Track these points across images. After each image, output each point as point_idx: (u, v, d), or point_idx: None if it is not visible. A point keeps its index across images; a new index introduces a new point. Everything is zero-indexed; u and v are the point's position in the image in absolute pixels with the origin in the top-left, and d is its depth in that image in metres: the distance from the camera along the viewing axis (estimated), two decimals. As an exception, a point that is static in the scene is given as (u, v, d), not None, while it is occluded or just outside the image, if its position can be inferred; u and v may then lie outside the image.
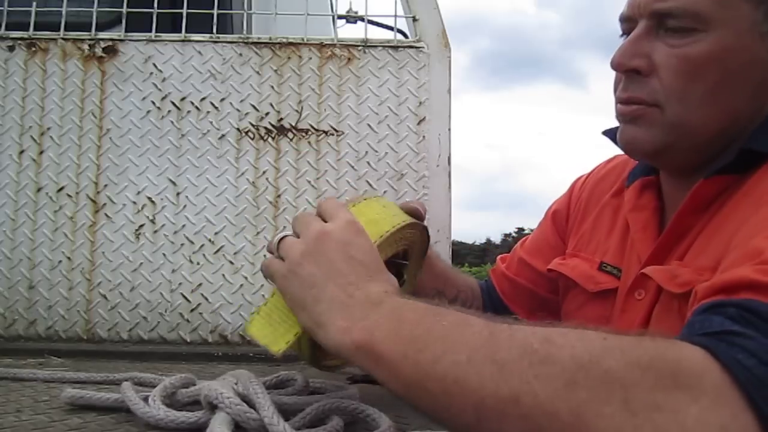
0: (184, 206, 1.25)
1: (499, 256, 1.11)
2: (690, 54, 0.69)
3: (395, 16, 1.31)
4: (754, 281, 0.49)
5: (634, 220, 0.82)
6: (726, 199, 0.69)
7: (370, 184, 1.26)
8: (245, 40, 1.30)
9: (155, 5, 1.29)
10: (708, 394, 0.41)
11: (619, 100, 0.76)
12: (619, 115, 0.76)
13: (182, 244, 1.24)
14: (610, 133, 0.85)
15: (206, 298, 1.23)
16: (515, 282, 1.01)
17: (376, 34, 1.87)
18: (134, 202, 1.25)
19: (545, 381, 0.43)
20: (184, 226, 1.25)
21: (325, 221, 0.62)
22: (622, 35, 0.78)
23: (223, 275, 1.23)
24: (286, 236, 0.62)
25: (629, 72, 0.74)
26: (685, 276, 0.68)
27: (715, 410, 0.41)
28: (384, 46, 1.29)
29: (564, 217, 1.00)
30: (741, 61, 0.69)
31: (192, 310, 1.22)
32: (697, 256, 0.69)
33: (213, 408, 0.56)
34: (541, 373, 0.43)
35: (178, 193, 1.26)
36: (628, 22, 0.76)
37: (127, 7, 1.30)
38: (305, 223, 0.62)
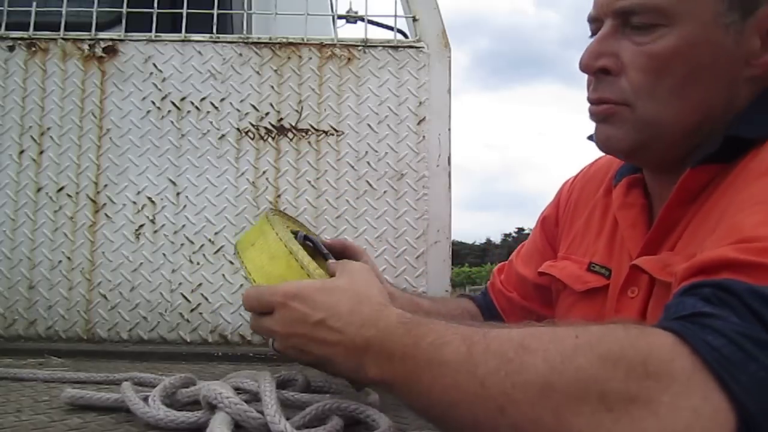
0: (184, 206, 1.25)
1: (496, 267, 1.11)
2: (655, 50, 0.69)
3: (395, 16, 1.31)
4: (732, 260, 0.49)
5: (622, 218, 0.82)
6: (713, 188, 0.69)
7: (370, 184, 1.26)
8: (245, 40, 1.30)
9: (155, 5, 1.29)
10: (678, 379, 0.42)
11: (590, 101, 0.76)
12: (592, 116, 0.77)
13: (182, 244, 1.24)
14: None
15: (206, 298, 1.23)
16: (511, 299, 1.02)
17: (376, 34, 1.87)
18: (134, 202, 1.25)
19: (522, 389, 0.44)
20: (184, 226, 1.25)
21: (271, 312, 0.64)
22: (591, 36, 0.77)
23: (223, 275, 1.23)
24: (272, 342, 0.66)
25: (598, 73, 0.74)
26: (677, 264, 0.66)
27: (686, 395, 0.41)
28: (384, 46, 1.29)
29: (553, 222, 1.01)
30: (707, 54, 0.69)
31: (192, 310, 1.22)
32: (687, 245, 0.69)
33: (212, 408, 0.56)
34: (517, 382, 0.45)
35: (178, 193, 1.26)
36: (595, 22, 0.76)
37: (127, 7, 1.31)
38: (261, 329, 0.66)
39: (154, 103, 1.28)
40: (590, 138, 0.86)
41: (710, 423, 0.41)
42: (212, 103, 1.28)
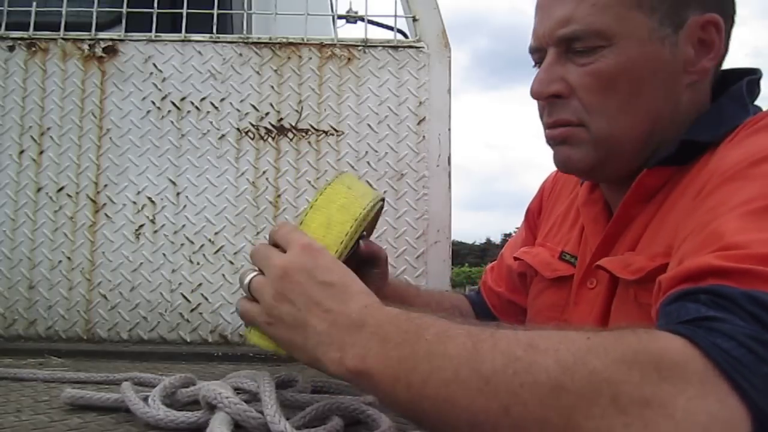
0: (184, 206, 1.25)
1: (488, 266, 1.13)
2: (600, 69, 0.73)
3: (395, 16, 1.31)
4: (717, 267, 0.49)
5: (585, 213, 0.86)
6: (670, 189, 0.73)
7: (370, 184, 1.26)
8: (245, 40, 1.30)
9: (155, 5, 1.29)
10: (693, 383, 0.42)
11: (547, 126, 0.80)
12: (549, 140, 0.80)
13: (182, 244, 1.24)
14: None
15: (206, 298, 1.23)
16: (500, 295, 1.04)
17: (376, 34, 1.87)
18: (134, 202, 1.25)
19: (532, 389, 0.43)
20: (184, 226, 1.25)
21: (284, 250, 0.61)
22: (534, 66, 0.81)
23: (223, 275, 1.23)
24: (253, 276, 0.61)
25: (550, 98, 0.77)
26: (639, 263, 0.70)
27: (702, 398, 0.41)
28: (384, 46, 1.29)
29: (536, 212, 1.05)
30: (648, 67, 0.73)
31: (192, 310, 1.22)
32: (648, 245, 0.71)
33: (212, 408, 0.56)
34: (527, 382, 0.43)
35: (178, 193, 1.26)
36: (537, 52, 0.80)
37: (127, 7, 1.31)
38: (264, 257, 0.61)
39: (154, 103, 1.28)
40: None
41: (726, 426, 0.41)
42: (212, 103, 1.28)
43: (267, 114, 1.28)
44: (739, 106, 0.74)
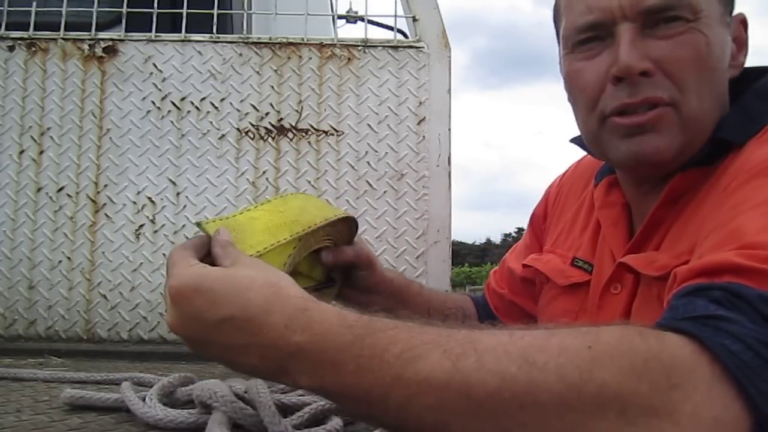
0: (184, 206, 1.25)
1: (492, 270, 1.13)
2: (692, 41, 0.69)
3: (395, 16, 1.31)
4: (737, 265, 0.48)
5: (604, 217, 0.83)
6: (696, 190, 0.70)
7: (370, 184, 1.26)
8: (245, 40, 1.30)
9: (155, 5, 1.29)
10: (700, 388, 0.41)
11: (630, 106, 0.70)
12: (635, 127, 0.70)
13: (182, 244, 1.24)
14: (579, 140, 0.86)
15: (206, 298, 1.23)
16: (502, 296, 1.03)
17: (376, 34, 1.87)
18: (134, 202, 1.25)
19: (534, 410, 0.40)
20: (184, 226, 1.25)
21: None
22: (581, 43, 0.73)
23: (223, 275, 1.23)
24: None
25: (636, 77, 0.69)
26: (663, 260, 0.68)
27: (708, 404, 0.41)
28: (384, 46, 1.29)
29: (542, 218, 1.02)
30: (721, 50, 0.71)
31: (192, 310, 1.22)
32: (673, 244, 0.69)
33: (207, 407, 0.56)
34: (527, 403, 0.40)
35: (178, 193, 1.26)
36: (595, 29, 0.71)
37: (127, 7, 1.31)
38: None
39: (154, 103, 1.28)
40: (573, 141, 0.87)
41: (729, 430, 0.41)
42: (212, 103, 1.28)
43: (267, 114, 1.28)
44: (767, 104, 0.71)
